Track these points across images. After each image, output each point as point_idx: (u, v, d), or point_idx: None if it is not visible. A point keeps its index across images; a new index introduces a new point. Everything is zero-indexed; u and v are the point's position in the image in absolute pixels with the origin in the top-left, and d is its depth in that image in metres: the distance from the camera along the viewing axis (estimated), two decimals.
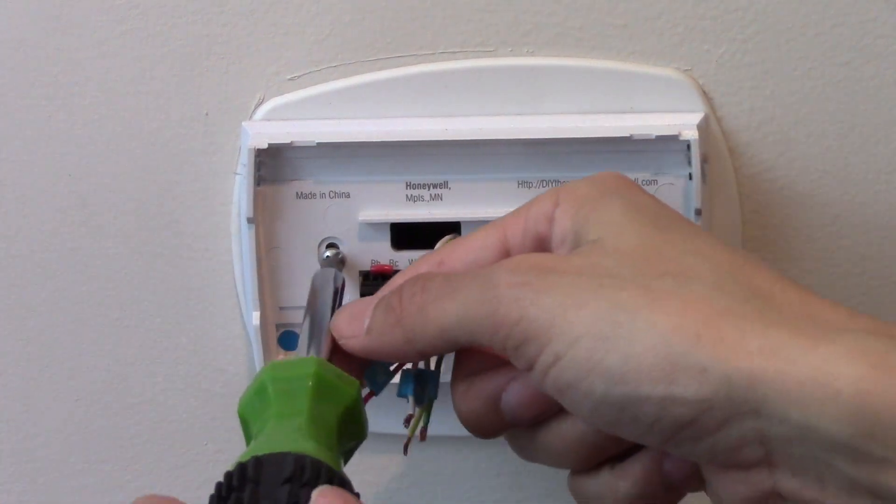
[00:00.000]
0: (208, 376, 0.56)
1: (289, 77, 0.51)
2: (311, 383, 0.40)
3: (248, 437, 0.41)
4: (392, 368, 0.47)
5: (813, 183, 0.53)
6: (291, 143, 0.49)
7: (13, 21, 0.50)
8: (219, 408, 0.56)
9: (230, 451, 0.57)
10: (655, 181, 0.50)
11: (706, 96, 0.51)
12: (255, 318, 0.51)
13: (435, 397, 0.47)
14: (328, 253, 0.50)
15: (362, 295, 0.49)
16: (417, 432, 0.48)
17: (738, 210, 0.53)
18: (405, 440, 0.48)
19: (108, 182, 0.53)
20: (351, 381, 0.42)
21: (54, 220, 0.53)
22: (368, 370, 0.46)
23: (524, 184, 0.50)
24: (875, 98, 0.51)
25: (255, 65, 0.51)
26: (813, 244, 0.54)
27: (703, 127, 0.49)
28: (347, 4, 0.50)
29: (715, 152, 0.51)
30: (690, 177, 0.49)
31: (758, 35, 0.50)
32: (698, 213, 0.49)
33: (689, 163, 0.49)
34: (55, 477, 0.58)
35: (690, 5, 0.50)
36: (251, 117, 0.51)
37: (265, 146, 0.48)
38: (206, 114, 0.52)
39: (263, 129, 0.49)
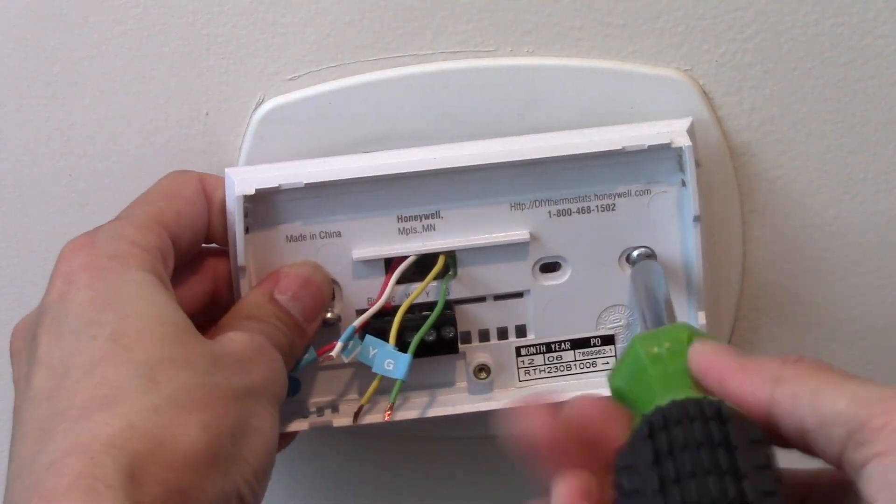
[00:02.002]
0: None
1: (289, 77, 0.51)
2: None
3: (631, 403, 0.40)
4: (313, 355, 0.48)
5: (813, 183, 0.53)
6: (279, 186, 0.48)
7: (13, 20, 0.50)
8: None
9: None
10: (648, 191, 0.49)
11: (706, 96, 0.51)
12: None
13: (404, 380, 0.48)
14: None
15: (364, 330, 0.49)
16: (383, 413, 0.49)
17: (738, 210, 0.53)
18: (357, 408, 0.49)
19: (107, 182, 0.52)
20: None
21: (54, 220, 0.53)
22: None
23: (517, 206, 0.49)
24: (875, 98, 0.51)
25: (254, 65, 0.51)
26: (813, 244, 0.54)
27: (692, 131, 0.48)
28: (347, 5, 0.50)
29: (713, 152, 0.51)
30: (683, 183, 0.49)
31: (758, 35, 0.50)
32: (697, 219, 0.49)
33: (682, 169, 0.48)
34: None
35: (690, 5, 0.50)
36: (251, 117, 0.51)
37: (252, 192, 0.47)
38: (206, 114, 0.51)
39: (248, 175, 0.48)
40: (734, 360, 0.38)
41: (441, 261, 0.49)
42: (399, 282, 0.49)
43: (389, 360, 0.48)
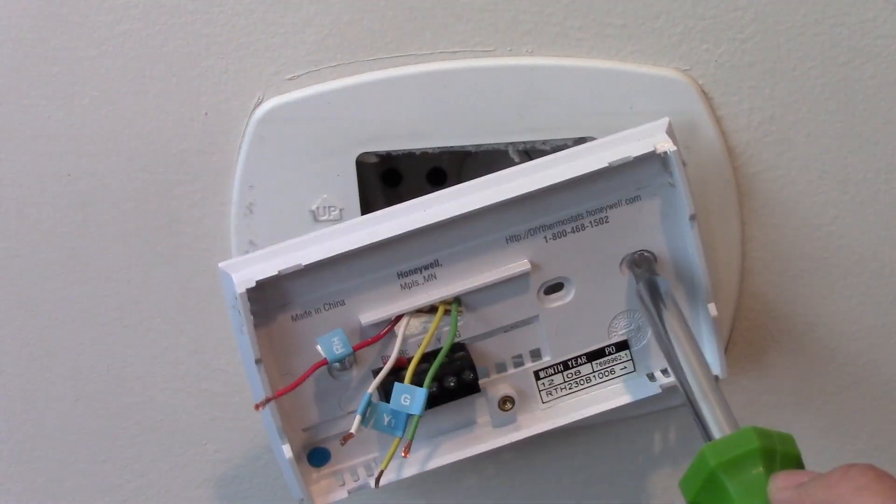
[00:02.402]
0: (208, 376, 0.56)
1: (288, 77, 0.51)
2: (761, 467, 0.40)
3: None
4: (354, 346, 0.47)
5: (813, 183, 0.53)
6: (279, 273, 0.46)
7: (13, 21, 0.50)
8: (218, 408, 0.56)
9: (229, 450, 0.57)
10: (639, 197, 0.49)
11: (705, 96, 0.51)
12: (287, 451, 0.48)
13: (420, 415, 0.47)
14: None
15: (385, 391, 0.48)
16: (400, 449, 0.48)
17: (736, 210, 0.53)
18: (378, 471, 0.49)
19: (107, 182, 0.52)
20: (786, 437, 0.41)
21: (53, 220, 0.53)
22: (325, 337, 0.47)
23: (513, 238, 0.49)
24: (874, 98, 0.51)
25: (254, 65, 0.51)
26: (813, 244, 0.54)
27: (671, 131, 0.48)
28: (347, 4, 0.50)
29: (712, 152, 0.51)
30: (671, 185, 0.48)
31: (757, 35, 0.50)
32: (693, 218, 0.48)
33: (669, 171, 0.48)
34: (55, 477, 0.58)
35: (689, 5, 0.50)
36: (250, 117, 0.51)
37: (253, 285, 0.46)
38: (206, 113, 0.52)
39: (243, 267, 0.47)
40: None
41: (441, 310, 0.49)
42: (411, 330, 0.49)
43: (406, 396, 0.47)
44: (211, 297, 0.54)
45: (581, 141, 0.51)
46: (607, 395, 0.51)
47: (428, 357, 0.49)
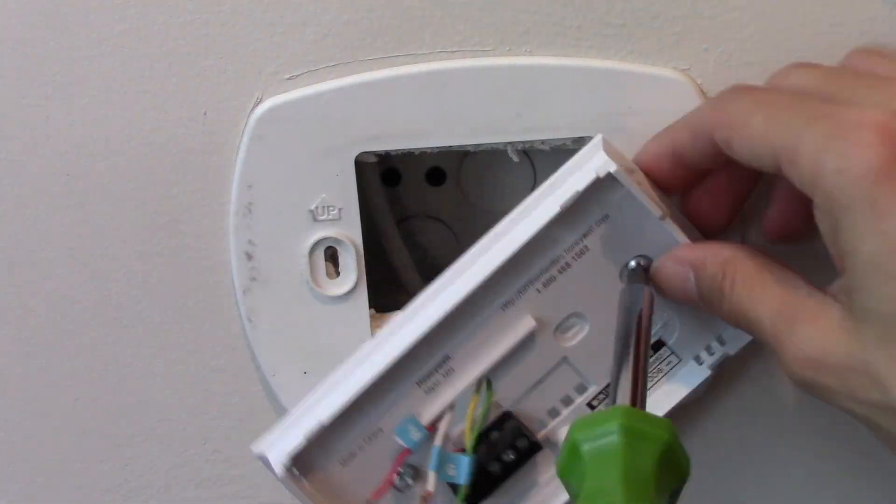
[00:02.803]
0: (207, 376, 0.56)
1: (287, 77, 0.51)
2: (619, 438, 0.39)
3: (573, 496, 0.41)
4: (426, 425, 0.49)
5: None
6: (307, 440, 0.48)
7: (12, 21, 0.50)
8: (217, 408, 0.57)
9: (228, 450, 0.58)
10: (607, 216, 0.48)
11: (704, 96, 0.51)
12: None
13: (468, 484, 0.48)
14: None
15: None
16: None
17: None
18: None
19: (106, 182, 0.53)
20: (662, 422, 0.41)
21: (52, 220, 0.53)
22: (399, 426, 0.48)
23: (508, 305, 0.49)
24: None
25: (253, 64, 0.51)
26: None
27: (609, 146, 0.48)
28: (346, 4, 0.50)
29: None
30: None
31: (756, 34, 0.50)
32: (663, 218, 0.48)
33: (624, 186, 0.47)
34: (54, 477, 0.58)
35: (688, 5, 0.50)
36: (249, 117, 0.51)
37: (290, 462, 0.48)
38: (205, 113, 0.52)
39: (273, 444, 0.48)
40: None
41: (473, 401, 0.49)
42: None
43: (451, 465, 0.48)
44: (211, 297, 0.54)
45: (580, 140, 0.51)
46: (666, 393, 0.51)
47: (482, 436, 0.50)
